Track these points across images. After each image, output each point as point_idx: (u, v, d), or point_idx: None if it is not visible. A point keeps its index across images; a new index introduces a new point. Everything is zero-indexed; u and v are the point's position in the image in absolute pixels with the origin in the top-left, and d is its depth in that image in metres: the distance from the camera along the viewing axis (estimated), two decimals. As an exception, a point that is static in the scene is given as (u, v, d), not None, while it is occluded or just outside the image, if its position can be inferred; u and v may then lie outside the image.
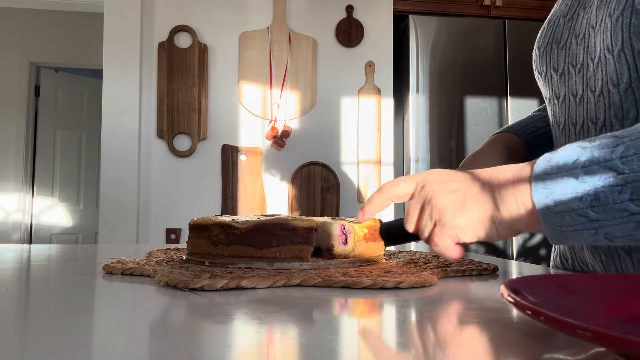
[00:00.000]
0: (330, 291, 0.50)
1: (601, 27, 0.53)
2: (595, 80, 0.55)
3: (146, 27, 2.53)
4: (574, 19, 0.60)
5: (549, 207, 0.44)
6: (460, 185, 0.50)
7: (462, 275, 0.62)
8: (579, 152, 0.44)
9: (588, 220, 0.43)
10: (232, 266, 0.61)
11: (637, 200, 0.40)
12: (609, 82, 0.53)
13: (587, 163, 0.42)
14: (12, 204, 4.04)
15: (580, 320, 0.24)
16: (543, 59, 0.65)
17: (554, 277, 0.38)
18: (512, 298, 0.29)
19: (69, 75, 4.35)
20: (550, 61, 0.63)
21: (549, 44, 0.63)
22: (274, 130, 2.55)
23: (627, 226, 0.41)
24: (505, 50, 2.64)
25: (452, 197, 0.50)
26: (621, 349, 0.22)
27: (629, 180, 0.40)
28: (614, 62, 0.51)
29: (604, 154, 0.42)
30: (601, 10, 0.53)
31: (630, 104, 0.51)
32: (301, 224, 0.62)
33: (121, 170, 2.44)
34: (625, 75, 0.50)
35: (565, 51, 0.60)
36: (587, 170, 0.42)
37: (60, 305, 0.44)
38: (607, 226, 0.42)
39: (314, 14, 2.66)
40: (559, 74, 0.62)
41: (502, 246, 2.54)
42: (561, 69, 0.61)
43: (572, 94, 0.60)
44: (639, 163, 0.40)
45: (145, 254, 0.83)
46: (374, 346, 0.33)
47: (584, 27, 0.57)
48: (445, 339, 0.33)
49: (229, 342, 0.33)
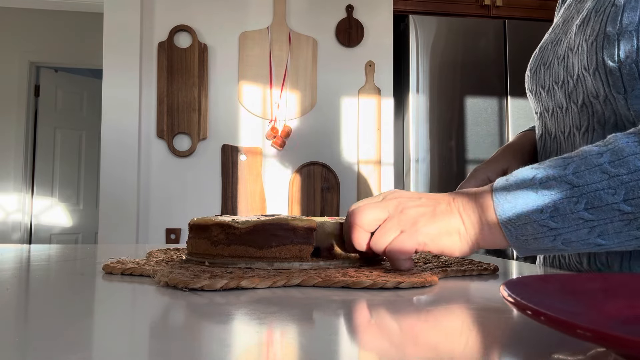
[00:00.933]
0: (330, 291, 0.50)
1: (579, 50, 0.61)
2: (577, 94, 0.63)
3: (146, 27, 2.53)
4: (557, 44, 0.68)
5: (511, 219, 0.50)
6: (429, 202, 0.55)
7: (462, 275, 0.62)
8: (534, 172, 0.50)
9: (548, 229, 0.49)
10: (232, 266, 0.61)
11: (590, 209, 0.47)
12: (589, 95, 0.60)
13: (543, 179, 0.49)
14: (12, 204, 4.04)
15: (580, 320, 0.24)
16: (533, 79, 0.73)
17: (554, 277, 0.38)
18: (512, 298, 0.29)
19: (69, 75, 4.36)
20: (539, 80, 0.71)
21: (538, 66, 0.72)
22: (274, 130, 2.55)
23: (582, 232, 0.48)
24: (505, 50, 2.64)
25: (424, 209, 0.54)
26: (622, 349, 0.22)
27: (583, 192, 0.47)
28: (591, 79, 0.59)
29: (558, 171, 0.49)
30: (578, 36, 0.61)
31: (610, 112, 0.58)
32: (301, 224, 0.62)
33: (121, 170, 2.44)
34: (602, 89, 0.58)
35: (550, 71, 0.68)
36: (544, 185, 0.49)
37: (60, 305, 0.44)
38: (564, 233, 0.48)
39: (314, 14, 2.66)
40: (546, 91, 0.70)
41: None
42: (547, 86, 0.69)
43: (558, 107, 0.67)
44: (590, 177, 0.47)
45: (145, 254, 0.83)
46: (374, 346, 0.33)
47: (564, 49, 0.65)
48: (446, 339, 0.33)
49: (229, 342, 0.33)
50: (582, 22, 0.60)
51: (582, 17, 0.61)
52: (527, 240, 0.50)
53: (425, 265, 0.66)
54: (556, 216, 0.48)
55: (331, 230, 0.64)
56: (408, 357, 0.29)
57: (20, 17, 4.14)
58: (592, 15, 0.59)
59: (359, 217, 0.56)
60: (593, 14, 0.59)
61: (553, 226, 0.48)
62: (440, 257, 0.75)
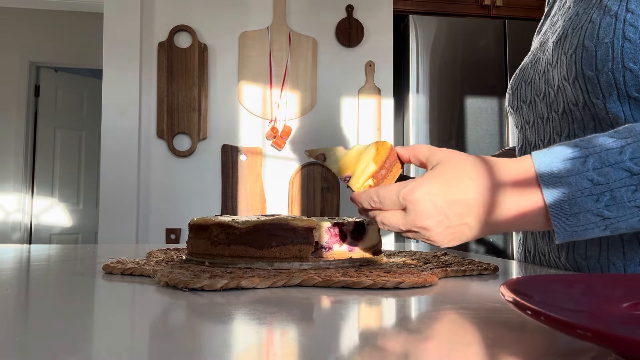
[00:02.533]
0: (330, 291, 0.50)
1: (558, 63, 0.65)
2: (557, 103, 0.67)
3: (146, 27, 2.53)
4: (537, 62, 0.73)
5: (563, 209, 0.48)
6: (453, 228, 0.51)
7: (462, 275, 0.62)
8: (581, 153, 0.48)
9: (602, 218, 0.47)
10: (232, 266, 0.61)
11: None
12: (569, 102, 0.64)
13: (597, 165, 0.47)
14: (12, 204, 4.04)
15: (580, 320, 0.24)
16: (514, 95, 0.78)
17: (554, 277, 0.38)
18: (513, 298, 0.29)
19: (69, 75, 4.36)
20: (519, 96, 0.76)
21: (519, 84, 0.77)
22: (274, 130, 2.55)
23: (633, 220, 0.47)
24: (505, 50, 2.64)
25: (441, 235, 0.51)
26: (622, 349, 0.22)
27: None
28: (571, 87, 0.63)
29: (613, 156, 0.47)
30: (556, 51, 0.66)
31: (589, 117, 0.62)
32: (301, 224, 0.62)
33: (121, 170, 2.44)
34: (581, 97, 0.61)
35: (531, 86, 0.73)
36: (599, 172, 0.47)
37: (60, 305, 0.44)
38: (617, 222, 0.47)
39: (314, 14, 2.66)
40: (527, 104, 0.74)
41: (502, 246, 2.54)
42: (528, 100, 0.74)
43: (539, 118, 0.72)
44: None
45: (145, 254, 0.83)
46: (374, 346, 0.33)
47: (544, 65, 0.70)
48: (446, 339, 0.33)
49: (229, 342, 0.33)
50: (560, 39, 0.66)
51: (559, 34, 0.66)
52: (576, 232, 0.48)
53: (425, 265, 0.66)
54: (612, 205, 0.47)
55: None
56: (408, 356, 0.29)
57: (20, 17, 4.14)
58: (569, 31, 0.64)
59: (382, 218, 0.54)
60: (570, 31, 0.64)
61: (607, 215, 0.47)
62: (440, 257, 0.75)
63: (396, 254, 0.81)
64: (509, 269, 0.72)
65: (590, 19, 0.61)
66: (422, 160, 0.55)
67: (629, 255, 0.60)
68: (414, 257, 0.76)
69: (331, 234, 0.65)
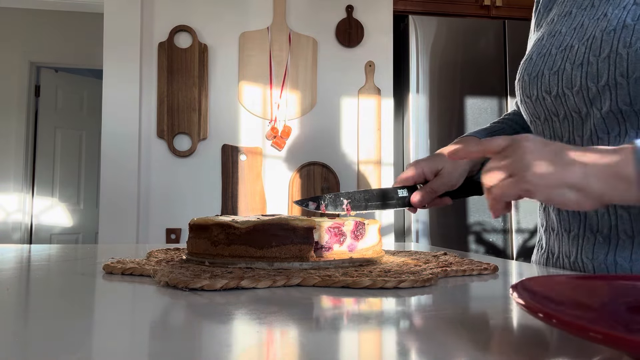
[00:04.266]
0: (330, 291, 0.50)
1: (610, 57, 0.61)
2: (602, 100, 0.62)
3: (146, 27, 2.53)
4: (569, 50, 0.68)
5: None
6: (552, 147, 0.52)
7: (462, 275, 0.62)
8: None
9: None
10: (232, 266, 0.61)
11: None
12: (620, 102, 0.60)
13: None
14: (12, 204, 4.04)
15: (591, 322, 0.24)
16: (534, 83, 0.72)
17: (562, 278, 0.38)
18: (524, 300, 0.28)
19: (69, 75, 4.35)
20: (542, 85, 0.71)
21: (540, 71, 0.71)
22: (274, 130, 2.55)
23: None
24: (505, 50, 2.64)
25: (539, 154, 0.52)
26: (634, 352, 0.22)
27: None
28: (629, 86, 0.59)
29: None
30: (608, 42, 0.62)
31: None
32: (301, 224, 0.62)
33: (121, 170, 2.44)
34: None
35: (559, 76, 0.68)
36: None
37: (60, 305, 0.44)
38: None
39: (314, 14, 2.66)
40: (554, 96, 0.69)
41: (502, 246, 2.54)
42: (554, 91, 0.69)
43: (574, 112, 0.67)
44: None
45: (145, 254, 0.83)
46: (374, 346, 0.33)
47: (586, 55, 0.65)
48: (446, 339, 0.33)
49: (229, 342, 0.33)
50: (615, 29, 0.62)
51: (614, 25, 0.63)
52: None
53: (425, 265, 0.66)
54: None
55: None
56: (408, 357, 0.29)
57: (20, 17, 4.14)
58: (630, 22, 0.61)
59: None
60: (630, 22, 0.61)
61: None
62: (440, 257, 0.75)
63: (396, 254, 0.81)
64: (509, 269, 0.72)
65: (624, 23, 0.60)
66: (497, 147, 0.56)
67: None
68: (414, 257, 0.76)
69: (331, 234, 0.65)
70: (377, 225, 0.70)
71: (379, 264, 0.67)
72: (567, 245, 0.72)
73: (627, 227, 0.62)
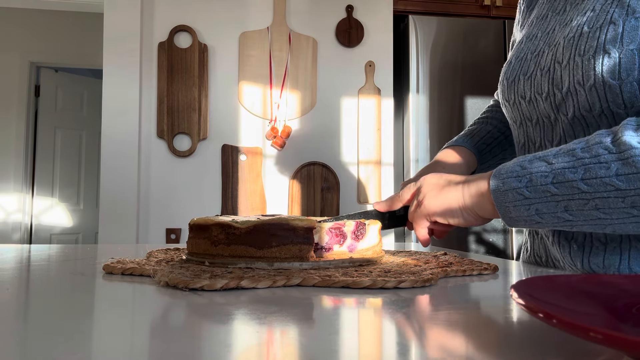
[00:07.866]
0: (330, 291, 0.50)
1: (569, 64, 0.62)
2: (567, 106, 0.64)
3: (146, 27, 2.53)
4: (539, 55, 0.69)
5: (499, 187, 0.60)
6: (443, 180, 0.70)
7: (462, 275, 0.62)
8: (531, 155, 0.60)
9: (524, 197, 0.58)
10: (232, 266, 0.61)
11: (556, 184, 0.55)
12: (582, 108, 0.62)
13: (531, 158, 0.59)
14: (12, 204, 4.04)
15: (591, 322, 0.24)
16: (511, 88, 0.74)
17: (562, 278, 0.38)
18: (524, 300, 0.28)
19: (69, 75, 4.36)
20: (517, 90, 0.72)
21: (517, 76, 0.73)
22: (274, 130, 2.55)
23: (550, 204, 0.56)
24: (505, 50, 2.64)
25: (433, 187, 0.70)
26: (633, 352, 0.22)
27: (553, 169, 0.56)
28: (586, 94, 0.60)
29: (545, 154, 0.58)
30: (568, 49, 0.62)
31: (605, 125, 0.60)
32: (301, 224, 0.62)
33: (121, 170, 2.44)
34: (598, 104, 0.59)
35: (531, 82, 0.69)
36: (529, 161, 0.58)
37: (60, 305, 0.44)
38: (536, 203, 0.57)
39: (314, 14, 2.66)
40: (527, 101, 0.71)
41: (502, 246, 2.54)
42: (528, 96, 0.70)
43: (544, 117, 0.69)
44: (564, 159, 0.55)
45: (145, 254, 0.83)
46: (374, 346, 0.33)
47: (550, 61, 0.66)
48: (446, 339, 0.33)
49: (229, 342, 0.33)
50: (574, 37, 0.62)
51: (573, 31, 0.62)
52: (509, 209, 0.59)
53: (425, 265, 0.66)
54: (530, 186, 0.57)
55: None
56: (408, 357, 0.29)
57: (20, 17, 4.14)
58: (585, 30, 0.60)
59: None
60: (586, 29, 0.60)
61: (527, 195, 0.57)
62: (440, 257, 0.75)
63: (396, 254, 0.81)
64: (509, 269, 0.72)
65: (611, 19, 0.57)
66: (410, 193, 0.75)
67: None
68: (414, 257, 0.76)
69: (331, 234, 0.65)
70: (377, 226, 0.70)
71: (379, 264, 0.67)
72: (550, 250, 0.74)
73: (601, 234, 0.63)
